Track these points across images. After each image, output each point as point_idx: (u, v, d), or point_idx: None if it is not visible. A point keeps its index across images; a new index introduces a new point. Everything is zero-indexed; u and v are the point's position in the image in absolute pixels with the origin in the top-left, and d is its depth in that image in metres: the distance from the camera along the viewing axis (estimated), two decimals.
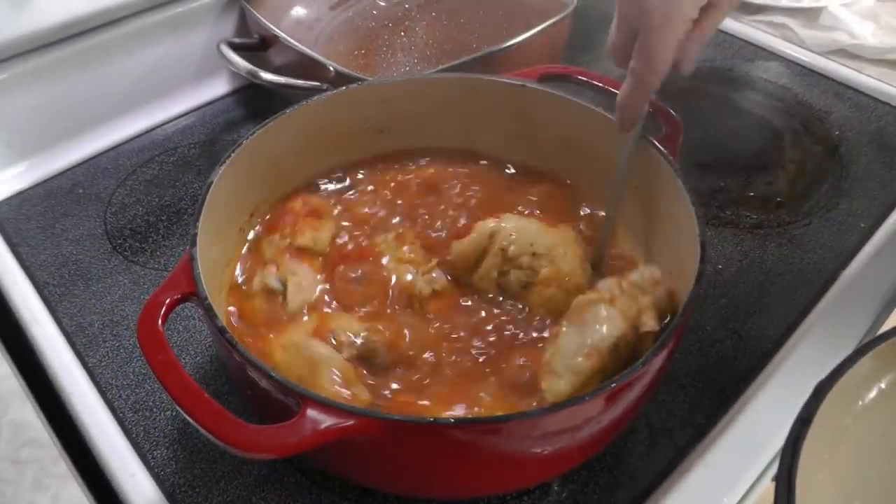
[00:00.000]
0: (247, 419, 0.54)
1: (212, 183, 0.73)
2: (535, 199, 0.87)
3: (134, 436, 0.76)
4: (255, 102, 1.21)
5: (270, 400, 0.58)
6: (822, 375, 0.80)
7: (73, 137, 1.11)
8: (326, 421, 0.53)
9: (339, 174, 0.89)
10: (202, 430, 0.54)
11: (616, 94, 0.75)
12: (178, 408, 0.56)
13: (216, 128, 1.16)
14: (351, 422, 0.53)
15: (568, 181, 0.89)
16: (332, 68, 0.97)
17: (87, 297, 0.90)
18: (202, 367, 0.83)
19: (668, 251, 0.76)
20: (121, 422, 0.77)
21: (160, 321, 0.61)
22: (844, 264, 0.92)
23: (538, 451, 0.59)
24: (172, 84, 1.19)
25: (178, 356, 0.81)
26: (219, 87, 1.23)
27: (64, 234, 0.99)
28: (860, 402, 0.64)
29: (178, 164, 1.10)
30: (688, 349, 0.83)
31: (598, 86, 0.86)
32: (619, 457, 0.74)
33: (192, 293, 0.63)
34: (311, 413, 0.54)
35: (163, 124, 1.17)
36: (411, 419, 0.55)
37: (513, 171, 0.91)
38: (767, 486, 0.73)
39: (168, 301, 0.62)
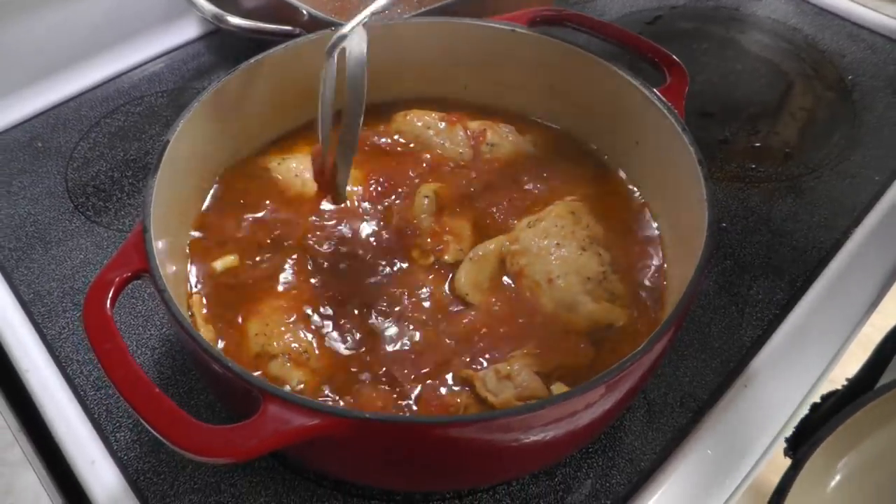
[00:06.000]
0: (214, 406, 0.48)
1: (168, 142, 0.66)
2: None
3: (96, 416, 0.71)
4: (228, 47, 1.12)
5: (232, 391, 0.53)
6: (833, 346, 0.75)
7: (30, 86, 1.03)
8: (289, 420, 0.48)
9: None
10: (151, 430, 0.48)
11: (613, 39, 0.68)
12: (125, 403, 0.50)
13: (186, 75, 1.08)
14: (316, 420, 0.48)
15: (557, 127, 0.83)
16: (304, 11, 0.90)
17: (45, 261, 0.84)
18: (169, 339, 0.77)
19: (674, 213, 0.70)
20: (81, 400, 0.72)
21: (108, 304, 0.55)
22: (857, 221, 0.86)
23: (523, 445, 0.53)
24: (138, 27, 1.10)
25: (143, 326, 0.78)
26: (188, 30, 1.14)
27: (21, 193, 0.92)
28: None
29: (145, 114, 1.02)
30: (689, 317, 0.77)
31: (593, 30, 0.79)
32: (614, 437, 0.69)
33: (145, 270, 0.57)
34: (273, 410, 0.48)
35: (128, 71, 1.09)
36: (384, 417, 0.50)
37: None
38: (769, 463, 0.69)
39: (117, 280, 0.56)
